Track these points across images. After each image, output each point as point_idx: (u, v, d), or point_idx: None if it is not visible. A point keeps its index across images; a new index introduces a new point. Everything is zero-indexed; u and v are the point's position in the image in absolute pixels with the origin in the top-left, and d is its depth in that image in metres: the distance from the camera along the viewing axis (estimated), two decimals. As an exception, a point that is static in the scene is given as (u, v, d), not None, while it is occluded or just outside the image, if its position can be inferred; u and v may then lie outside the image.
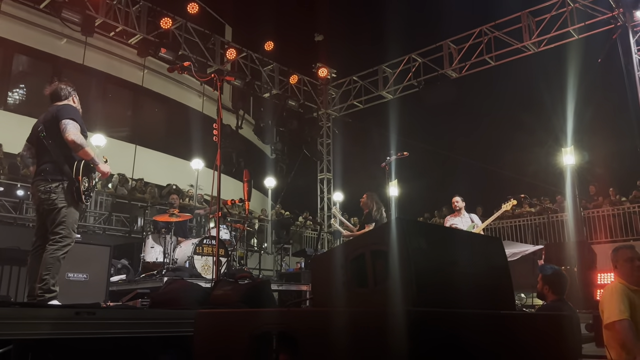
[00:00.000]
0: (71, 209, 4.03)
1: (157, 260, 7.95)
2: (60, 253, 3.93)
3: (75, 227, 4.08)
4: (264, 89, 14.21)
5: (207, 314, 2.47)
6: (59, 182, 4.01)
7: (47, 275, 3.85)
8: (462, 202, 8.59)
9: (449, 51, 13.18)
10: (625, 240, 12.02)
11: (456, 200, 8.64)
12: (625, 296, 3.45)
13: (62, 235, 3.96)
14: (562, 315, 2.46)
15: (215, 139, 4.28)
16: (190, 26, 12.29)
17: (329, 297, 2.24)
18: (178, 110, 17.30)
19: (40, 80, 15.01)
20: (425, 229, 2.12)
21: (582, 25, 11.16)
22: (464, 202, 8.61)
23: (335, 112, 16.00)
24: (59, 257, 3.92)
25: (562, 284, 4.37)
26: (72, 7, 10.16)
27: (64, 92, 4.35)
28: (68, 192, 4.01)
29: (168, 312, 3.25)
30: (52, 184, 4.00)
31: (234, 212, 12.18)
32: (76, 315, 2.71)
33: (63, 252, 3.94)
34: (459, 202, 8.60)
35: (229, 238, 8.71)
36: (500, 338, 1.99)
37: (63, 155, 4.06)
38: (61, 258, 3.94)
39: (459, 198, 8.66)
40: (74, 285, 5.61)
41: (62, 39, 14.30)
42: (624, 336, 3.34)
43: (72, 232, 4.02)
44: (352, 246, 2.17)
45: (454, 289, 2.06)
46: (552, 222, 13.09)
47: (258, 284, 3.40)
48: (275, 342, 2.00)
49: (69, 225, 4.00)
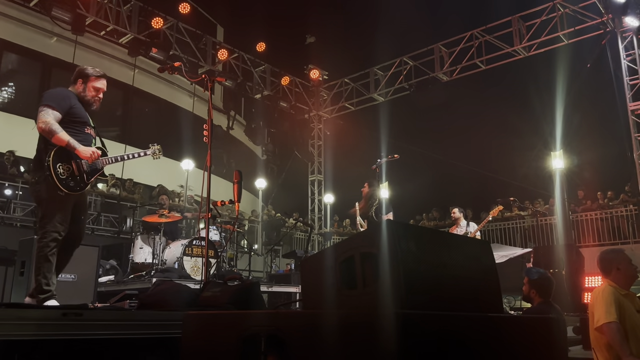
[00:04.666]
0: (53, 201, 3.79)
1: (146, 261, 7.91)
2: (47, 250, 3.71)
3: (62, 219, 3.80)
4: (255, 90, 14.20)
5: (195, 316, 2.45)
6: (40, 174, 3.82)
7: (38, 275, 3.70)
8: (459, 213, 8.60)
9: (440, 55, 13.26)
10: (613, 243, 12.12)
11: (453, 212, 8.67)
12: (615, 299, 3.48)
13: (45, 231, 3.75)
14: (549, 318, 2.48)
15: (206, 140, 4.25)
16: (182, 26, 12.25)
17: (318, 299, 2.23)
18: (169, 111, 17.21)
19: (30, 78, 14.89)
20: (414, 231, 2.13)
21: (572, 30, 11.28)
22: (461, 213, 8.62)
23: (327, 113, 16.02)
24: (46, 255, 3.71)
25: (548, 287, 4.41)
26: (62, 5, 10.10)
27: (74, 76, 4.16)
28: (47, 183, 3.78)
29: (156, 313, 3.23)
30: (35, 176, 3.85)
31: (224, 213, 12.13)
32: (63, 316, 2.69)
33: (50, 249, 3.72)
34: (455, 213, 8.62)
35: (218, 239, 8.68)
36: (488, 341, 2.00)
37: (43, 144, 3.87)
38: (49, 255, 3.71)
39: (455, 209, 8.66)
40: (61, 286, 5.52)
41: (52, 37, 14.18)
42: (612, 338, 3.38)
43: (57, 226, 3.76)
44: (342, 248, 2.17)
45: (443, 292, 2.06)
46: (540, 226, 13.18)
47: (247, 286, 3.40)
48: (264, 344, 2.00)
49: (53, 219, 3.76)
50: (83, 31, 10.69)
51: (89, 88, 4.14)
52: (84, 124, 4.06)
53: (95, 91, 4.16)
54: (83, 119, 4.04)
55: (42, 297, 3.68)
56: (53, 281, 3.79)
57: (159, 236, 7.95)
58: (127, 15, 11.30)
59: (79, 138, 3.96)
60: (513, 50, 12.07)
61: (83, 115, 4.06)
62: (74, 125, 3.98)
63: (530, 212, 13.46)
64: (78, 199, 4.01)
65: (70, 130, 3.91)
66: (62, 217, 3.81)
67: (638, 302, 3.65)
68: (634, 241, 11.92)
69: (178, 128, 14.66)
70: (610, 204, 13.19)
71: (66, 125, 3.91)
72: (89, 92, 4.13)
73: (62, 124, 3.88)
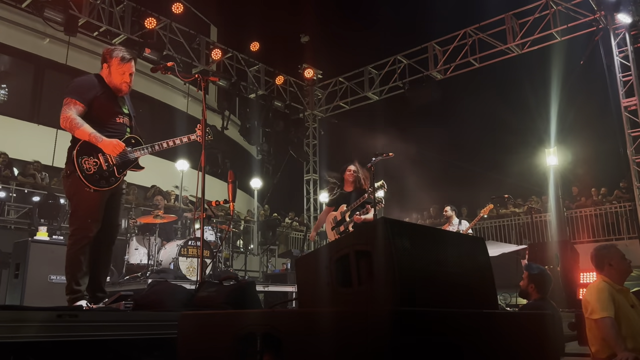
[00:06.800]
0: (82, 198, 3.61)
1: (141, 262, 7.89)
2: (75, 248, 3.57)
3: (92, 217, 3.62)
4: (249, 89, 14.17)
5: (190, 316, 2.45)
6: (69, 167, 3.63)
7: (67, 274, 3.58)
8: (452, 211, 8.65)
9: (434, 53, 13.27)
10: (607, 239, 12.19)
11: (445, 210, 8.72)
12: (609, 294, 3.51)
13: (74, 228, 3.61)
14: (545, 314, 2.49)
15: (200, 140, 4.24)
16: (175, 26, 12.21)
17: (314, 298, 2.23)
18: (162, 111, 17.15)
19: (22, 80, 14.81)
20: (409, 229, 2.13)
21: (565, 27, 11.31)
22: (453, 211, 8.66)
23: (321, 113, 16.01)
24: (75, 253, 3.57)
25: (546, 284, 4.46)
26: (55, 6, 10.05)
27: (102, 57, 3.88)
28: (74, 179, 3.60)
29: (152, 314, 3.22)
30: (66, 170, 3.66)
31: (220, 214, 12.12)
32: (58, 317, 2.67)
33: (78, 247, 3.57)
34: (447, 211, 8.68)
35: (214, 239, 8.67)
36: (484, 337, 2.00)
37: (72, 139, 3.67)
38: (78, 253, 3.57)
39: (447, 207, 8.72)
40: (56, 287, 5.54)
41: (45, 38, 14.12)
42: (606, 333, 3.40)
43: (87, 223, 3.59)
44: (337, 246, 2.17)
45: (438, 289, 2.07)
46: (535, 222, 13.23)
47: (243, 285, 3.39)
48: (260, 343, 2.00)
49: (83, 216, 3.59)
50: (76, 32, 10.64)
51: (114, 73, 3.88)
52: (114, 114, 3.85)
53: (122, 75, 3.90)
54: (112, 107, 3.84)
55: (71, 298, 3.57)
56: (84, 281, 3.64)
57: (154, 237, 7.94)
58: (120, 16, 11.26)
59: (109, 129, 3.76)
60: (506, 47, 12.09)
61: (112, 104, 3.85)
62: (104, 116, 3.79)
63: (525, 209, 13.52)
64: (111, 196, 3.82)
65: (99, 121, 3.72)
66: (91, 214, 3.63)
67: (632, 297, 3.67)
68: (628, 237, 11.98)
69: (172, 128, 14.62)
70: (604, 200, 13.26)
71: (94, 116, 3.72)
72: (114, 77, 3.88)
73: (89, 115, 3.70)
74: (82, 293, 3.61)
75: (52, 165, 11.78)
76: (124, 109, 3.99)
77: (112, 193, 3.82)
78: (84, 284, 3.65)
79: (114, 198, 3.90)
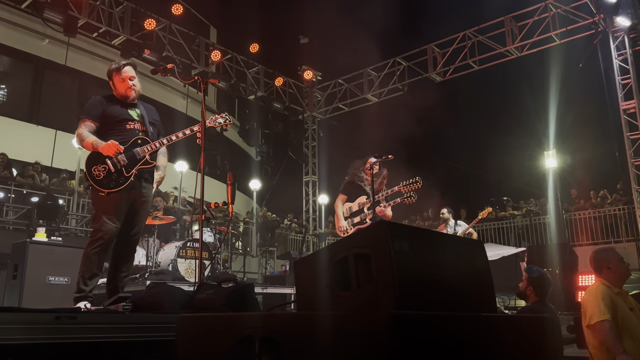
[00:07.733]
0: (98, 203, 3.96)
1: (140, 264, 7.87)
2: (89, 248, 3.85)
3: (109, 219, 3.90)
4: (249, 91, 14.18)
5: (189, 318, 2.44)
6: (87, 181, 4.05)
7: (78, 274, 3.83)
8: (448, 213, 8.62)
9: (433, 55, 13.29)
10: (606, 242, 12.19)
11: (442, 212, 8.69)
12: (608, 297, 3.50)
13: (93, 230, 3.93)
14: (544, 317, 2.49)
15: (199, 142, 4.24)
16: (175, 27, 12.22)
17: (312, 300, 2.23)
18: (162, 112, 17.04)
19: (22, 81, 14.79)
20: (408, 231, 2.13)
21: (564, 30, 11.34)
22: (450, 213, 8.63)
23: (321, 114, 16.02)
24: (88, 253, 3.85)
25: (545, 287, 4.46)
26: (54, 7, 10.05)
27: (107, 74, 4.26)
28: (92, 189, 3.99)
29: (150, 316, 3.21)
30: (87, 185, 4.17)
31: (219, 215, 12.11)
32: (56, 319, 2.67)
33: (92, 247, 3.85)
34: (444, 213, 8.64)
35: (213, 241, 8.65)
36: (483, 340, 2.00)
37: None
38: (91, 253, 3.84)
39: (444, 209, 8.68)
40: (54, 289, 5.54)
41: (44, 39, 14.11)
42: (605, 337, 3.39)
43: (104, 224, 3.87)
44: (336, 249, 2.17)
45: (437, 292, 2.07)
46: (534, 225, 13.23)
47: (241, 287, 3.38)
48: (258, 346, 1.99)
49: (99, 219, 3.89)
50: (75, 33, 10.65)
51: (117, 84, 4.20)
52: (124, 121, 4.12)
53: (123, 82, 4.19)
54: (121, 116, 4.11)
55: (75, 297, 3.78)
56: (92, 282, 3.87)
57: (152, 238, 7.92)
58: (119, 17, 11.26)
59: (120, 136, 4.05)
60: (506, 50, 12.11)
61: (119, 113, 4.12)
62: (114, 125, 4.09)
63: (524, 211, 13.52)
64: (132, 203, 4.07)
65: (110, 131, 4.05)
66: (108, 216, 3.90)
67: (630, 300, 3.67)
68: (627, 240, 11.97)
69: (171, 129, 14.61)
70: (603, 203, 13.26)
71: (107, 128, 4.06)
72: (118, 88, 4.20)
73: (102, 128, 4.05)
74: (86, 293, 3.78)
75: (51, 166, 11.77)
76: (134, 116, 4.22)
77: (132, 200, 4.08)
78: (91, 285, 3.85)
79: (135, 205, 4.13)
